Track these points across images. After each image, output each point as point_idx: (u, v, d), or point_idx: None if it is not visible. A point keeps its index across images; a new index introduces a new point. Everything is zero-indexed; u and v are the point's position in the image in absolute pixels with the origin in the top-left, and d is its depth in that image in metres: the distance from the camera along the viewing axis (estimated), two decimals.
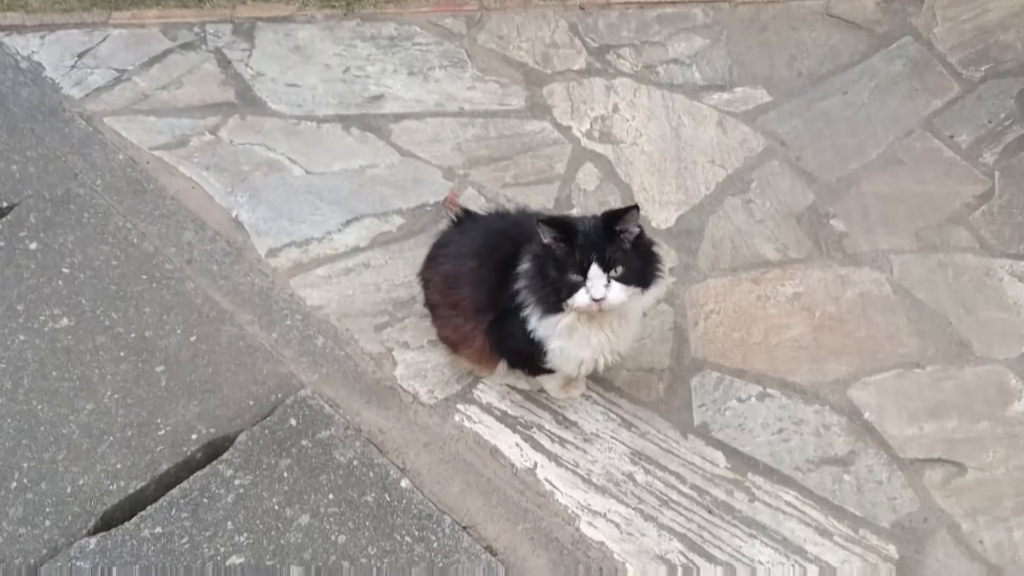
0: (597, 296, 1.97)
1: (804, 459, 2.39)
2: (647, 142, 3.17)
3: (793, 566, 2.19)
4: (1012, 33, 3.55)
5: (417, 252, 2.56)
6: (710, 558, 2.20)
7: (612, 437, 2.42)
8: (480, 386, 2.50)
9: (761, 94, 3.35)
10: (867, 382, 2.55)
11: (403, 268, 2.73)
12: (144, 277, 2.63)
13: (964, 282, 2.78)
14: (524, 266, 2.09)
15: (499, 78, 3.37)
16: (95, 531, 2.14)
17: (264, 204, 2.91)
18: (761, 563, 2.19)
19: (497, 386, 2.50)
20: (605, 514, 2.27)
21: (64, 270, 2.63)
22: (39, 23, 3.44)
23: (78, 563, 2.08)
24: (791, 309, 2.71)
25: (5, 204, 2.78)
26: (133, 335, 2.50)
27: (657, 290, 2.09)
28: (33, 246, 2.69)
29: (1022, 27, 3.56)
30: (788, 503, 2.31)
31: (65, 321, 2.53)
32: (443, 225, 2.56)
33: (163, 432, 2.31)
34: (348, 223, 2.88)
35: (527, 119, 3.24)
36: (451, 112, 3.25)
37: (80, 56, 3.34)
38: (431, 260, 2.39)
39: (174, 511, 2.16)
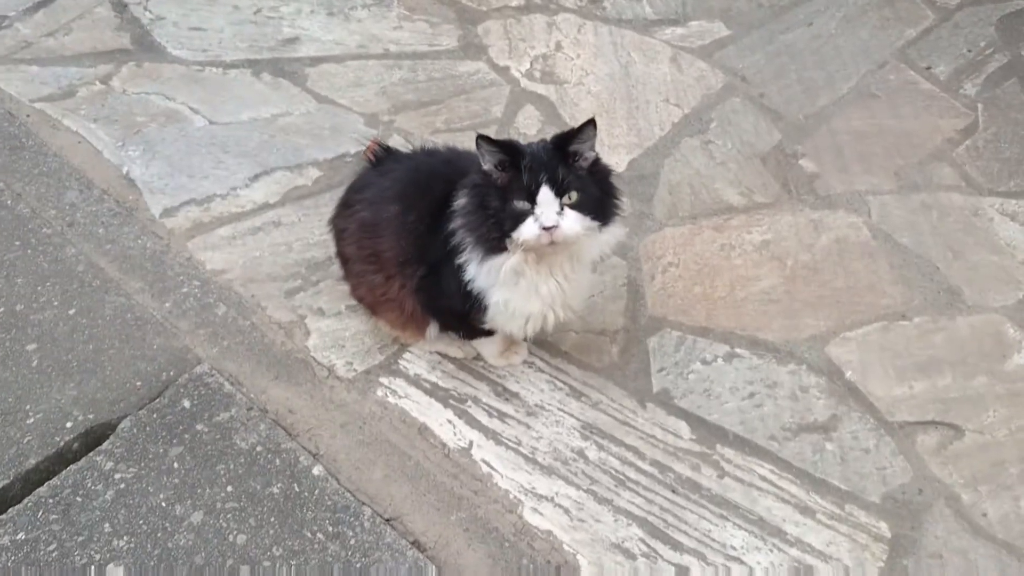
0: (548, 224, 1.76)
1: (780, 427, 2.25)
2: (594, 81, 3.06)
3: (771, 550, 2.02)
4: None
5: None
6: (675, 545, 2.02)
7: (559, 409, 2.24)
8: (407, 355, 2.29)
9: (718, 27, 3.30)
10: (848, 337, 2.42)
11: (319, 225, 2.51)
12: (17, 243, 2.42)
13: (950, 223, 2.68)
14: (460, 201, 1.89)
15: (429, 17, 3.24)
16: None
17: (160, 159, 2.69)
18: (734, 548, 2.02)
19: (426, 355, 2.30)
20: (552, 498, 2.09)
21: None
22: None
23: None
24: (759, 259, 2.59)
25: None
26: (2, 309, 2.28)
27: (617, 229, 1.91)
28: None
29: None
30: (763, 478, 2.15)
31: None
32: None
33: (32, 420, 2.09)
34: (257, 177, 2.67)
35: (460, 60, 3.10)
36: (375, 54, 3.09)
37: None
38: (345, 206, 2.17)
39: (41, 513, 1.93)
